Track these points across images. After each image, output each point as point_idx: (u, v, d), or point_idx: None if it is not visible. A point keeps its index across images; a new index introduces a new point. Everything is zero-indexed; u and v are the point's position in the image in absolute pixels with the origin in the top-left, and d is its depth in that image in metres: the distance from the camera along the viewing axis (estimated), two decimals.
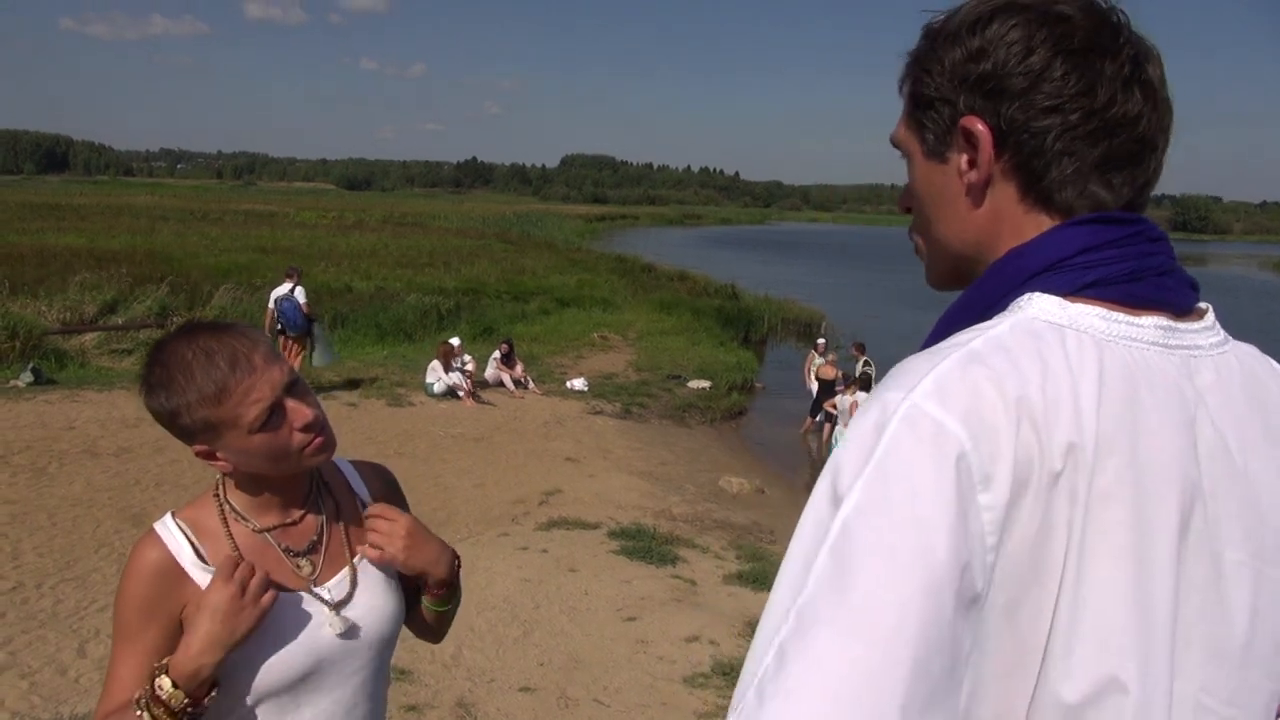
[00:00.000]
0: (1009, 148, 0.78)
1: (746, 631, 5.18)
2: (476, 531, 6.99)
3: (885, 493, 0.65)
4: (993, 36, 0.77)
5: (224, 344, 1.23)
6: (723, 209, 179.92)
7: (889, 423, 0.67)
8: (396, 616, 1.41)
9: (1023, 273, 0.77)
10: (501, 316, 18.33)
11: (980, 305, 0.79)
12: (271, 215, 45.63)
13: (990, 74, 0.77)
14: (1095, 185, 0.78)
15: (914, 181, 0.87)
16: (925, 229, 0.88)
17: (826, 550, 0.64)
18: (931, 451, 0.65)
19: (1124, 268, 0.76)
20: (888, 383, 0.72)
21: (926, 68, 0.82)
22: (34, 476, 7.21)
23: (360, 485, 1.47)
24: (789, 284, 29.02)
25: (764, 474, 10.69)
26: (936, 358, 0.71)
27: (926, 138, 0.83)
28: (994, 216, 0.81)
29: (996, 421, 0.67)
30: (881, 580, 0.62)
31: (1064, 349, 0.72)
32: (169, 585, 1.26)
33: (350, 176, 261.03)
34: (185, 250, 23.58)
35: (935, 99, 0.81)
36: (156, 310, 14.31)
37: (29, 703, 3.96)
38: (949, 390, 0.68)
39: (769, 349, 20.22)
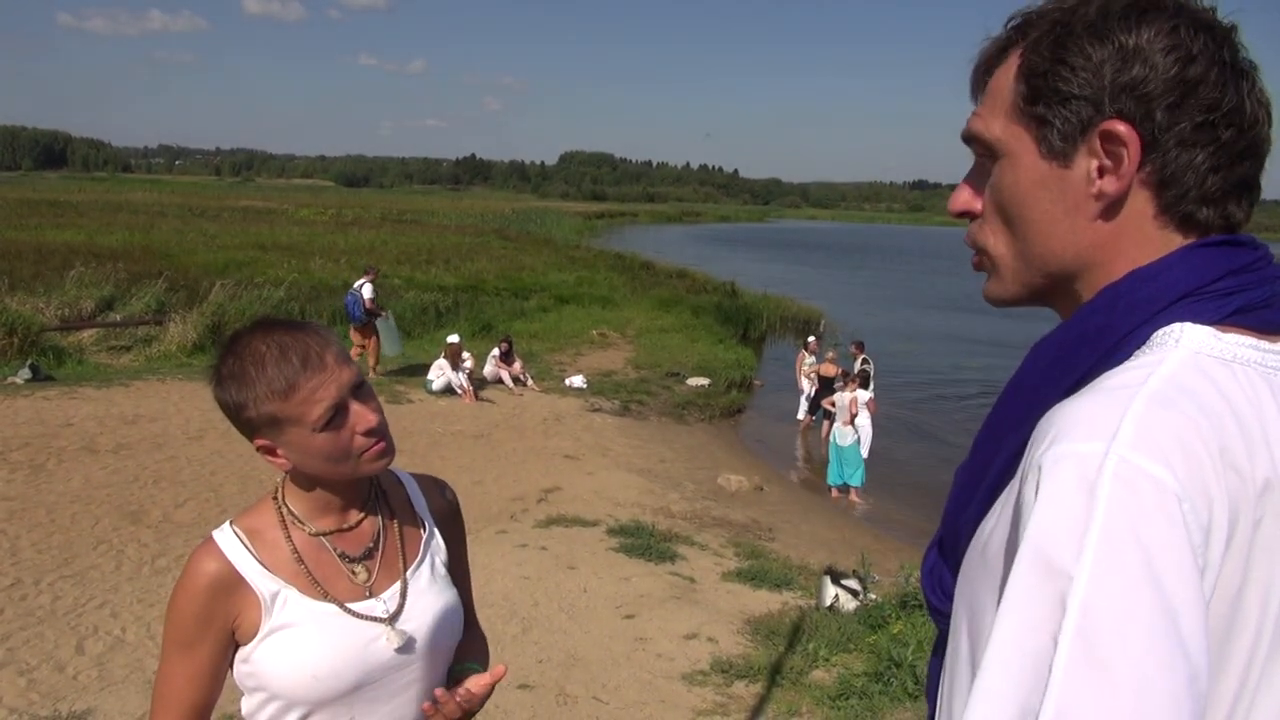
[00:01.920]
0: (1153, 160, 0.72)
1: (745, 629, 5.18)
2: (475, 529, 6.98)
3: (1124, 565, 0.58)
4: (1149, 37, 0.72)
5: (299, 340, 1.24)
6: (722, 206, 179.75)
7: (1100, 481, 0.61)
8: (454, 625, 1.40)
9: (1161, 299, 0.71)
10: (500, 314, 18.31)
11: (1110, 336, 0.72)
12: (270, 212, 45.53)
13: (1146, 78, 0.71)
14: (1233, 205, 0.74)
15: (1012, 183, 0.78)
16: (1020, 237, 0.79)
17: (1072, 639, 0.58)
18: (1159, 513, 0.60)
19: (1261, 294, 0.72)
20: (1060, 433, 0.65)
21: (1064, 59, 0.74)
22: (32, 473, 7.20)
23: (420, 499, 1.46)
24: (787, 282, 29.03)
25: (763, 471, 10.69)
26: (1117, 402, 0.65)
27: (1049, 136, 0.75)
28: (1119, 231, 0.74)
29: (1206, 473, 0.62)
30: (1149, 667, 0.56)
31: (1239, 387, 0.68)
32: (225, 595, 1.26)
33: (349, 173, 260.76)
34: (183, 247, 23.55)
35: (1073, 96, 0.73)
36: (154, 307, 14.28)
37: (27, 700, 3.96)
38: (1155, 440, 0.62)
39: (768, 346, 20.22)
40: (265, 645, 1.26)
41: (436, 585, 1.39)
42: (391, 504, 1.41)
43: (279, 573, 1.28)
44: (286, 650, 1.26)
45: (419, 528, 1.43)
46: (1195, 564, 0.60)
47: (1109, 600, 0.58)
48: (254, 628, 1.26)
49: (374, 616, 1.31)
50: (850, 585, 5.55)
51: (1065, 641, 0.58)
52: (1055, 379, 0.73)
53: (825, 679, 4.49)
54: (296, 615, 1.27)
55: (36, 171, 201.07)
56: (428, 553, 1.41)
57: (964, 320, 23.70)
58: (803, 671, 4.55)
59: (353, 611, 1.30)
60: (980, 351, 18.72)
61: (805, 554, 7.37)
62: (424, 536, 1.42)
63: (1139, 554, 0.59)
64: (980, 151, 0.81)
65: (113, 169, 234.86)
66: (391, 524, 1.39)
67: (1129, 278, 0.73)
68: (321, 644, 1.27)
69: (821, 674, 4.56)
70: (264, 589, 1.26)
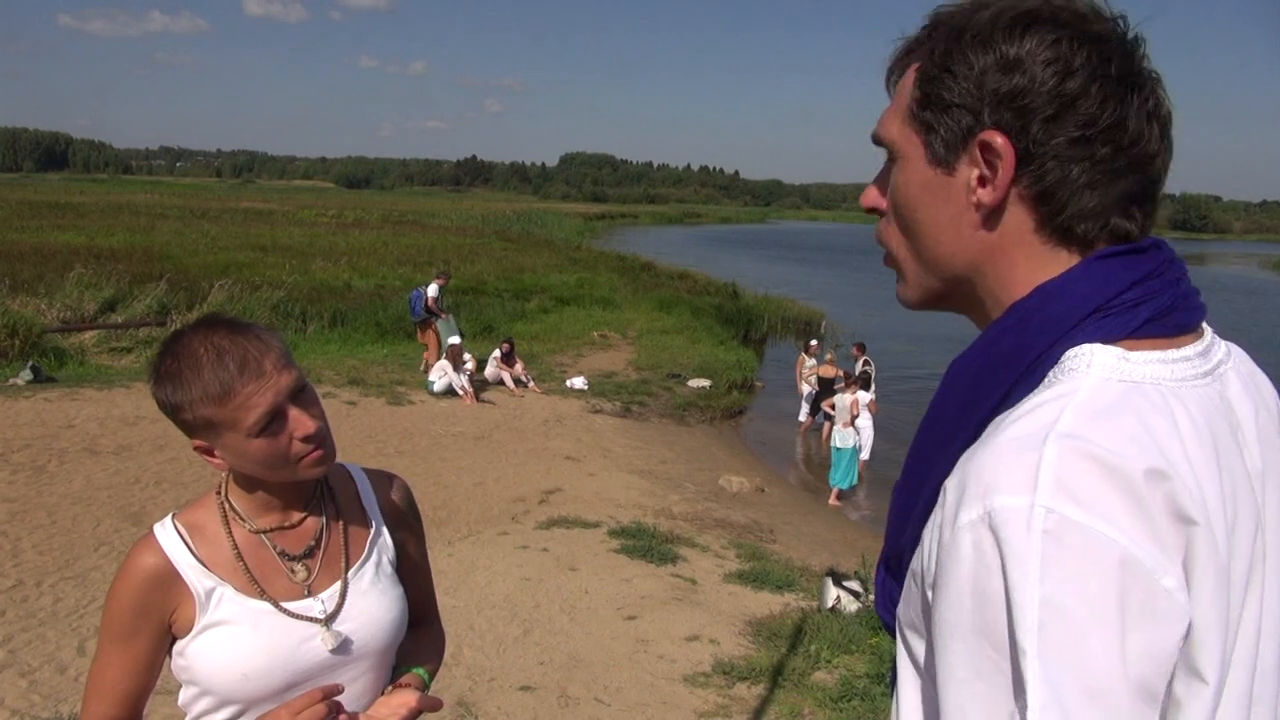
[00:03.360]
0: (1030, 172, 0.71)
1: (747, 630, 5.17)
2: (476, 530, 6.98)
3: (1069, 628, 0.59)
4: (1031, 49, 0.71)
5: (237, 344, 1.22)
6: (722, 208, 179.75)
7: (1028, 541, 0.60)
8: (395, 626, 1.38)
9: (1070, 317, 0.71)
10: (501, 315, 18.31)
11: (1018, 362, 0.72)
12: (271, 213, 45.58)
13: (1024, 89, 0.71)
14: (1118, 218, 0.73)
15: (904, 186, 0.79)
16: (914, 239, 0.80)
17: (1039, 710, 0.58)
18: (1094, 567, 0.60)
19: (1166, 300, 0.72)
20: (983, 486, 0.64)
21: (949, 67, 0.74)
22: (34, 474, 7.20)
23: (370, 496, 1.45)
24: (788, 283, 29.03)
25: (764, 473, 10.68)
26: (1029, 446, 0.64)
27: (933, 142, 0.75)
28: (1001, 242, 0.74)
29: (1134, 504, 0.62)
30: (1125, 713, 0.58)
31: (1152, 408, 0.67)
32: (161, 589, 1.26)
33: (350, 175, 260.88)
34: (184, 248, 23.59)
35: (954, 104, 0.73)
36: (155, 308, 14.29)
37: (29, 701, 3.95)
38: (1076, 485, 0.61)
39: (769, 348, 20.22)
40: (199, 641, 1.27)
41: (380, 585, 1.37)
42: (339, 501, 1.40)
43: (216, 569, 1.28)
44: (218, 647, 1.26)
45: (366, 526, 1.41)
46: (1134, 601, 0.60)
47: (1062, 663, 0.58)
48: (189, 623, 1.27)
49: (309, 616, 1.30)
50: (852, 587, 5.54)
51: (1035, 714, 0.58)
52: (976, 402, 0.73)
53: (827, 680, 4.49)
54: (231, 612, 1.27)
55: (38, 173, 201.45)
56: (373, 551, 1.40)
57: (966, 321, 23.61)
58: (805, 673, 4.55)
59: (288, 611, 1.29)
60: None
61: (807, 555, 7.36)
62: (370, 535, 1.41)
63: (1078, 611, 0.59)
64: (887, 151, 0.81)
65: (114, 171, 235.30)
66: (336, 523, 1.38)
67: (1036, 294, 0.73)
68: (253, 642, 1.26)
69: (823, 675, 4.55)
70: (199, 585, 1.26)
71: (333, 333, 15.33)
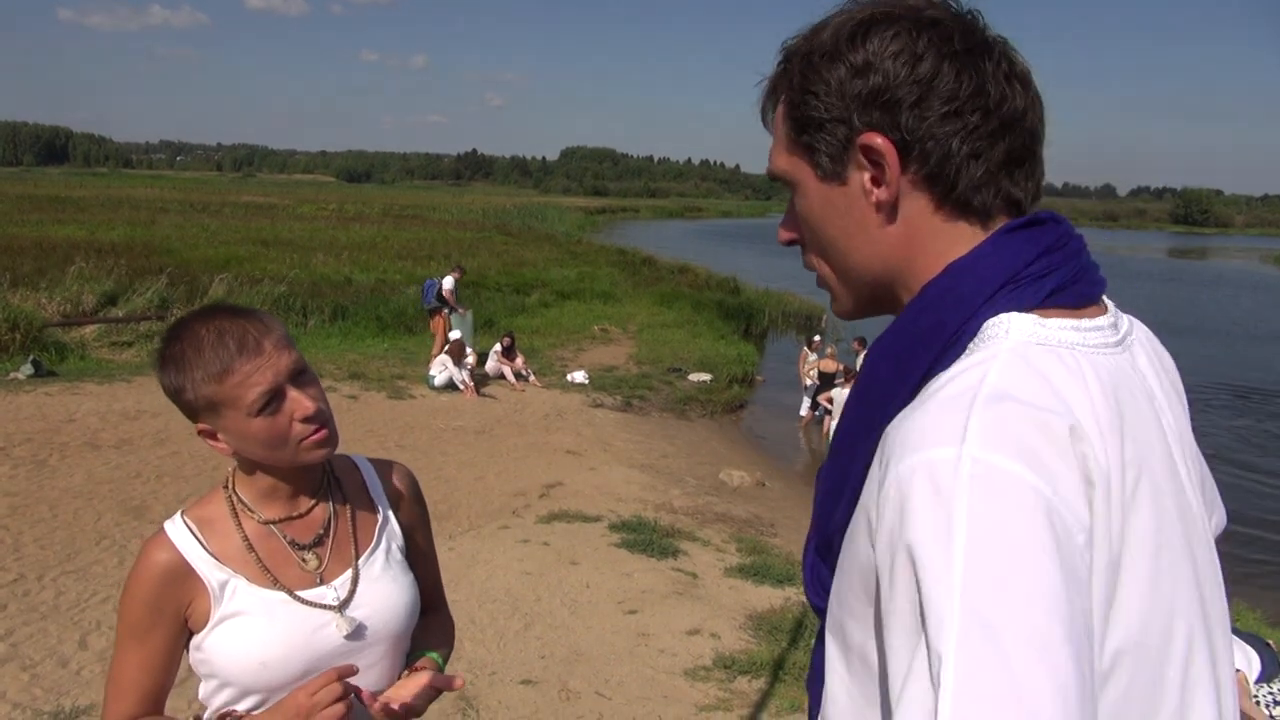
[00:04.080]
0: (914, 159, 0.75)
1: (748, 624, 5.18)
2: (477, 524, 6.99)
3: (993, 574, 0.60)
4: (876, 49, 0.75)
5: (238, 325, 1.25)
6: (723, 202, 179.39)
7: (955, 486, 0.62)
8: (407, 611, 1.40)
9: (982, 291, 0.74)
10: (502, 309, 18.30)
11: (940, 334, 0.75)
12: (271, 207, 45.53)
13: (882, 87, 0.75)
14: (1006, 184, 0.76)
15: (807, 209, 0.83)
16: (830, 257, 0.84)
17: (953, 651, 0.59)
18: (1019, 511, 0.62)
19: (1069, 271, 0.76)
20: (912, 442, 0.66)
21: (810, 89, 0.78)
22: (35, 469, 7.20)
23: (376, 484, 1.47)
24: (789, 277, 28.98)
25: (765, 467, 10.68)
26: (958, 405, 0.67)
27: (819, 161, 0.79)
28: (909, 231, 0.78)
29: (1054, 458, 0.64)
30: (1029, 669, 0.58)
31: (1065, 370, 0.71)
32: (176, 585, 1.27)
33: (350, 169, 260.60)
34: (185, 242, 23.54)
35: (826, 120, 0.78)
36: (156, 302, 14.29)
37: (31, 695, 3.96)
38: (1002, 437, 0.64)
39: (770, 342, 20.21)
40: (215, 633, 1.28)
41: (390, 571, 1.40)
42: (345, 490, 1.42)
43: (228, 562, 1.30)
44: (235, 638, 1.28)
45: (374, 514, 1.43)
46: (1059, 549, 0.61)
47: (983, 608, 0.59)
48: (205, 616, 1.28)
49: (323, 604, 1.32)
50: None
51: (949, 655, 0.59)
52: (900, 378, 0.76)
53: None
54: (245, 603, 1.29)
55: (38, 167, 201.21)
56: (382, 538, 1.42)
57: None
58: (805, 667, 4.54)
59: (301, 599, 1.31)
60: None
61: None
62: (379, 522, 1.43)
63: (1003, 556, 0.60)
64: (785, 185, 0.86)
65: (114, 164, 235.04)
66: (344, 510, 1.40)
67: (947, 272, 0.76)
68: (269, 631, 1.28)
69: None
70: (212, 578, 1.28)
71: (333, 327, 15.32)
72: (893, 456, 0.67)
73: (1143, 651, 0.68)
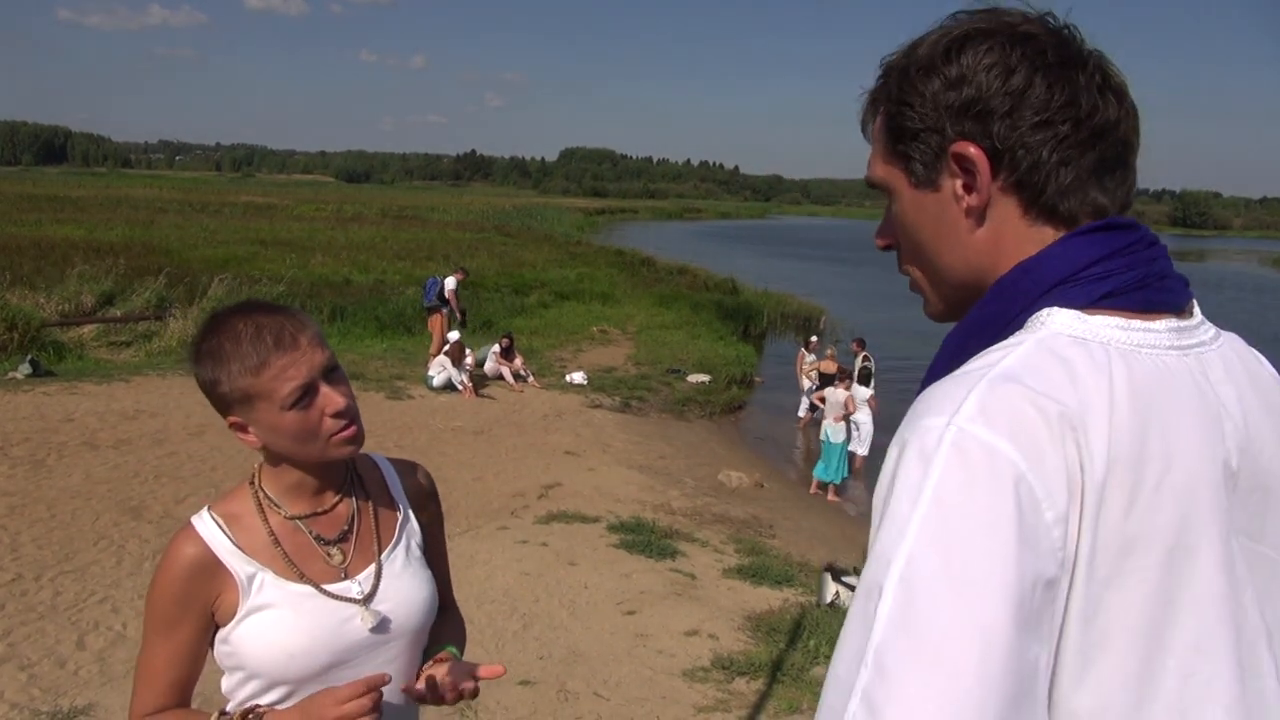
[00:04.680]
0: (1005, 166, 0.79)
1: (746, 625, 5.18)
2: (476, 524, 6.99)
3: (946, 525, 0.64)
4: (970, 63, 0.79)
5: (275, 320, 1.28)
6: (722, 203, 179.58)
7: (936, 451, 0.67)
8: (428, 605, 1.44)
9: (1037, 288, 0.78)
10: (501, 310, 18.30)
11: (995, 324, 0.79)
12: (270, 207, 45.53)
13: (975, 98, 0.79)
14: (1094, 191, 0.79)
15: (902, 216, 0.87)
16: (922, 260, 0.88)
17: (893, 589, 0.64)
18: (987, 476, 0.66)
19: (1134, 275, 0.78)
20: (920, 410, 0.72)
21: (906, 101, 0.83)
22: (33, 468, 7.19)
23: (396, 482, 1.50)
24: (788, 278, 29.02)
25: (763, 468, 10.69)
26: (968, 381, 0.71)
27: (914, 169, 0.84)
28: (996, 235, 0.81)
29: (1043, 439, 0.68)
30: (956, 617, 0.62)
31: (1091, 362, 0.73)
32: (204, 578, 1.30)
33: (349, 169, 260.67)
34: (183, 242, 23.55)
35: (920, 129, 0.82)
36: (154, 302, 14.28)
37: (28, 695, 3.96)
38: (993, 412, 0.68)
39: (768, 343, 20.22)
40: (243, 626, 1.30)
41: (411, 567, 1.43)
42: (367, 488, 1.45)
43: (256, 556, 1.32)
44: (263, 631, 1.30)
45: (394, 511, 1.46)
46: (1020, 521, 0.64)
47: (928, 555, 0.64)
48: (232, 609, 1.30)
49: (348, 598, 1.35)
50: (851, 582, 5.55)
51: (888, 594, 0.64)
52: (952, 363, 0.79)
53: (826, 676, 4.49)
54: (273, 597, 1.31)
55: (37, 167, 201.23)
56: (403, 535, 1.45)
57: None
58: (804, 668, 4.56)
59: (328, 592, 1.34)
60: None
61: (806, 550, 7.37)
62: (399, 519, 1.46)
63: (964, 514, 0.64)
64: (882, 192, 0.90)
65: (113, 164, 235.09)
66: (366, 507, 1.43)
67: (1014, 270, 0.80)
68: (297, 624, 1.31)
69: (822, 670, 4.55)
70: (241, 571, 1.30)
71: (332, 327, 15.31)
72: (904, 422, 0.73)
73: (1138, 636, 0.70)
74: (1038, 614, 0.64)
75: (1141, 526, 0.69)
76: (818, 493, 10.24)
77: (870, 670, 0.63)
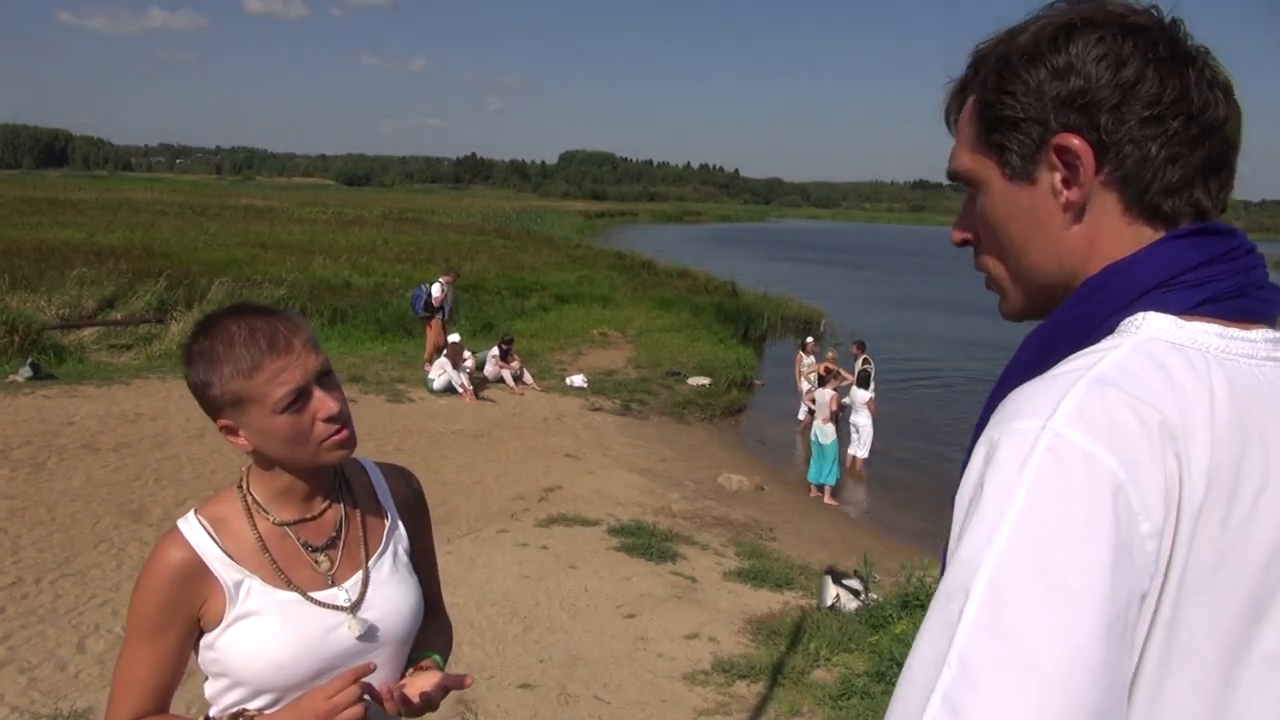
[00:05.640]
0: (1109, 161, 0.76)
1: (746, 628, 5.18)
2: (476, 528, 6.98)
3: (1040, 533, 0.62)
4: (1079, 52, 0.76)
5: (269, 323, 1.27)
6: (722, 206, 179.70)
7: (1031, 455, 0.65)
8: (414, 613, 1.42)
9: (1132, 291, 0.75)
10: (501, 312, 18.29)
11: (1086, 326, 0.76)
12: (270, 210, 45.49)
13: (1083, 89, 0.75)
14: (1199, 191, 0.77)
15: (990, 209, 0.83)
16: (1006, 257, 0.84)
17: (980, 593, 0.62)
18: (1085, 485, 0.63)
19: (1232, 283, 0.75)
20: (1011, 411, 0.69)
21: (1006, 89, 0.79)
22: (33, 471, 7.20)
23: (384, 488, 1.49)
24: (788, 281, 29.01)
25: (763, 471, 10.68)
26: (1063, 383, 0.69)
27: (1010, 160, 0.80)
28: (1092, 233, 0.78)
29: (1141, 448, 0.65)
30: (1049, 626, 0.60)
31: (1191, 370, 0.70)
32: (190, 583, 1.28)
33: (350, 172, 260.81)
34: (184, 245, 23.54)
35: (1021, 119, 0.78)
36: (155, 305, 14.28)
37: (29, 698, 3.96)
38: (1091, 418, 0.65)
39: (768, 346, 20.22)
40: (229, 633, 1.29)
41: (398, 574, 1.42)
42: (355, 493, 1.44)
43: (243, 561, 1.31)
44: (250, 638, 1.29)
45: (382, 517, 1.45)
46: (1117, 532, 0.62)
47: (1020, 562, 0.62)
48: (219, 615, 1.29)
49: (336, 605, 1.34)
50: (851, 585, 5.55)
51: (975, 598, 0.62)
52: (1037, 365, 0.77)
53: (827, 679, 4.49)
54: (260, 604, 1.30)
55: (37, 170, 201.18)
56: (390, 542, 1.44)
57: (967, 321, 23.67)
58: (804, 671, 4.55)
59: (315, 600, 1.33)
60: (982, 352, 18.71)
61: (806, 554, 7.37)
62: (387, 526, 1.45)
63: (1059, 523, 0.62)
64: (963, 184, 0.86)
65: (113, 167, 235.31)
66: (354, 513, 1.41)
67: (1104, 271, 0.77)
68: (284, 632, 1.29)
69: (823, 674, 4.56)
70: (228, 578, 1.29)
71: (332, 330, 15.31)
72: (992, 423, 0.70)
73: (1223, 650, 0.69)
74: (1129, 628, 0.63)
75: (1236, 542, 0.67)
76: (815, 495, 10.25)
77: (954, 672, 0.61)
